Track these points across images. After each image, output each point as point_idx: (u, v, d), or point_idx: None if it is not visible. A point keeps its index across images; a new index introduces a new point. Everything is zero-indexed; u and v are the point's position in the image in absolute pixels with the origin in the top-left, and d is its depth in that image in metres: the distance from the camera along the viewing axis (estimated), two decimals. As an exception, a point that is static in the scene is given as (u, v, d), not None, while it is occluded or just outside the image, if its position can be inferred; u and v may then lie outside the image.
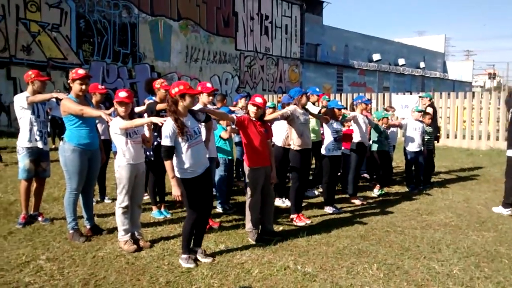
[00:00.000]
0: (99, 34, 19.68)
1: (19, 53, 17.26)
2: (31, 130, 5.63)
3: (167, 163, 4.35)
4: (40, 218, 5.84)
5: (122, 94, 4.91)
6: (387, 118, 8.35)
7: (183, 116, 4.44)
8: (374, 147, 8.27)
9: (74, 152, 5.09)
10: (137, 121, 4.83)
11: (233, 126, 5.30)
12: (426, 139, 8.97)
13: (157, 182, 6.45)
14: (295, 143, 6.08)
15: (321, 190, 7.73)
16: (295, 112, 6.04)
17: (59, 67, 18.34)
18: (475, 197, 8.08)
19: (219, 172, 6.71)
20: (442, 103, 18.21)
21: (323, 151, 6.87)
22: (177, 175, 4.39)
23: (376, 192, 8.22)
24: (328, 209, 6.83)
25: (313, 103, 7.83)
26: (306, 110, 6.25)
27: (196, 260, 4.54)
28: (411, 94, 19.82)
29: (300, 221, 6.11)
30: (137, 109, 6.35)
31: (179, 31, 22.88)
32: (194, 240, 4.67)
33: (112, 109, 6.09)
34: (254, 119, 5.22)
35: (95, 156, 5.34)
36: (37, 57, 17.71)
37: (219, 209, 6.73)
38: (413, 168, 8.88)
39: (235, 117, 5.20)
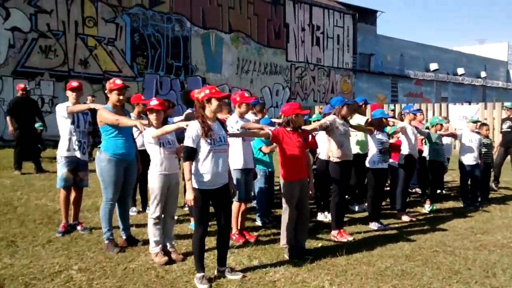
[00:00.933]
0: (152, 48, 20.15)
1: (77, 66, 17.96)
2: (70, 139, 5.70)
3: (185, 164, 4.23)
4: (79, 227, 5.88)
5: (153, 102, 4.87)
6: (441, 124, 7.84)
7: (210, 121, 4.32)
8: (428, 157, 7.81)
9: (110, 162, 5.08)
10: (166, 128, 4.74)
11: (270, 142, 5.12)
12: (483, 152, 8.38)
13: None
14: (334, 154, 5.80)
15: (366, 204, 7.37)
16: (334, 122, 5.77)
17: (114, 80, 18.90)
18: (539, 216, 7.41)
19: (259, 184, 6.52)
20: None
21: (367, 164, 6.53)
22: (194, 185, 4.25)
23: (427, 208, 7.73)
24: (373, 225, 6.47)
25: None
26: (347, 121, 5.97)
27: (211, 280, 4.32)
28: (469, 104, 18.84)
29: (341, 237, 5.80)
30: (176, 119, 6.32)
31: (230, 43, 23.06)
32: (217, 260, 4.51)
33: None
34: (290, 129, 5.01)
35: (131, 166, 5.32)
36: (94, 70, 18.36)
37: (258, 222, 6.54)
38: (469, 182, 8.31)
39: (269, 132, 5.00)
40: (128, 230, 5.43)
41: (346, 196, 7.90)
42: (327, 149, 6.29)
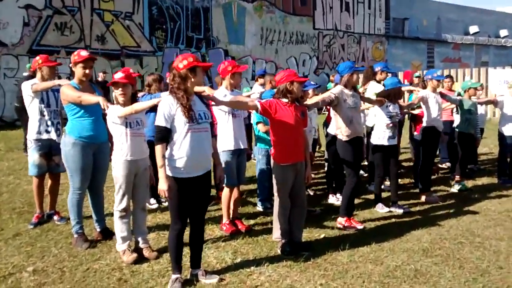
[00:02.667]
0: (171, 20, 19.40)
1: (94, 42, 17.43)
2: (40, 120, 5.08)
3: (157, 148, 3.48)
4: (55, 217, 5.31)
5: (118, 75, 4.14)
6: (475, 88, 6.75)
7: (191, 96, 3.56)
8: (457, 129, 6.81)
9: (75, 146, 4.42)
10: (137, 106, 4.01)
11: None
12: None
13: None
14: (343, 132, 4.94)
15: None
16: (341, 94, 4.89)
17: (133, 55, 18.35)
18: None
19: (260, 166, 5.77)
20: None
21: (374, 141, 5.65)
22: (168, 173, 3.52)
23: (456, 187, 6.77)
24: (379, 208, 5.63)
25: (378, 81, 6.57)
26: (357, 91, 5.06)
27: (185, 284, 3.64)
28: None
29: (349, 225, 4.99)
30: (164, 94, 5.59)
31: (253, 13, 21.99)
32: (190, 261, 3.81)
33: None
34: (288, 101, 4.18)
35: (103, 150, 4.64)
36: (111, 46, 17.81)
37: (259, 207, 5.80)
38: (508, 156, 7.27)
39: (258, 104, 4.19)
40: (103, 222, 4.80)
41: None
42: (334, 124, 5.40)
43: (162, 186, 3.45)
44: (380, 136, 5.58)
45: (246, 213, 5.65)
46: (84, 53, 4.54)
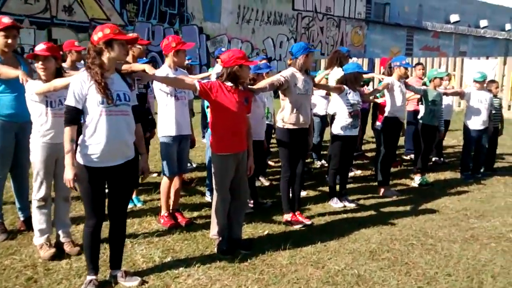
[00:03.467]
0: (144, -7, 18.66)
1: (60, 13, 16.62)
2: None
3: (66, 130, 3.06)
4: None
5: (39, 46, 3.67)
6: (441, 78, 6.43)
7: (108, 73, 3.13)
8: (421, 120, 6.54)
9: (-7, 125, 3.97)
10: (57, 82, 3.56)
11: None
12: (493, 114, 7.04)
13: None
14: (286, 119, 4.56)
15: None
16: (292, 78, 4.50)
17: (102, 28, 17.58)
18: (552, 194, 6.15)
19: (209, 153, 5.37)
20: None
21: (334, 130, 5.30)
22: (79, 160, 3.11)
23: (416, 180, 6.51)
24: (334, 203, 5.34)
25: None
26: (309, 75, 4.65)
27: (100, 286, 3.26)
28: (487, 58, 17.14)
29: (296, 221, 4.67)
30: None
31: (231, -11, 21.34)
32: (110, 260, 3.42)
33: None
34: (230, 85, 3.78)
35: (25, 130, 4.17)
36: (79, 18, 17.00)
37: (207, 197, 5.43)
38: (472, 151, 7.05)
39: (197, 85, 3.78)
40: (28, 211, 4.36)
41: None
42: (281, 112, 4.91)
43: (68, 175, 3.04)
44: (340, 126, 5.23)
45: (192, 203, 5.29)
46: (6, 20, 4.05)
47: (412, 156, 7.83)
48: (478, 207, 5.49)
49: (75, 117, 3.05)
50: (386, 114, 5.79)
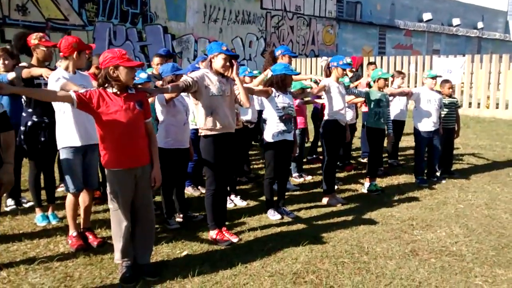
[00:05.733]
0: (104, -8, 18.01)
1: (14, 13, 15.88)
2: None
3: None
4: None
5: None
6: (385, 79, 6.05)
7: None
8: (366, 123, 6.17)
9: None
10: None
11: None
12: (443, 115, 6.71)
13: (39, 175, 4.74)
14: (202, 126, 4.07)
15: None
16: (201, 80, 4.01)
17: (60, 29, 16.88)
18: (505, 199, 5.82)
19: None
20: (503, 68, 15.16)
21: (266, 137, 4.87)
22: None
23: (366, 186, 6.13)
24: (271, 215, 4.93)
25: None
26: (225, 76, 4.14)
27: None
28: (455, 56, 16.98)
29: (221, 239, 4.21)
30: (10, 76, 4.61)
31: (196, -12, 20.82)
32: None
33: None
34: (115, 91, 3.29)
35: None
36: (34, 17, 16.26)
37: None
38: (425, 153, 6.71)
39: (73, 96, 3.20)
40: None
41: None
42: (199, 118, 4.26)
43: None
44: (271, 132, 4.80)
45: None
46: None
47: (365, 159, 7.51)
48: (426, 216, 5.12)
49: None
50: (325, 117, 5.39)
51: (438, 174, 6.84)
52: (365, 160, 7.69)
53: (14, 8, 15.85)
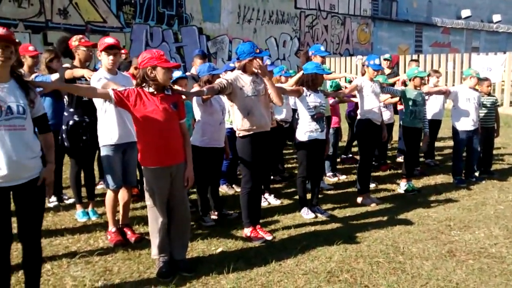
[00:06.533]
0: (141, -6, 18.40)
1: (55, 16, 16.44)
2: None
3: None
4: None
5: None
6: (421, 78, 5.93)
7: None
8: (401, 122, 6.08)
9: None
10: None
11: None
12: (482, 115, 6.55)
13: (80, 172, 4.91)
14: (239, 127, 4.14)
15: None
16: (236, 80, 4.06)
17: (98, 31, 17.36)
18: (548, 200, 5.64)
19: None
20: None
21: (298, 137, 4.87)
22: None
23: (402, 187, 6.05)
24: (304, 214, 4.93)
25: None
26: (259, 76, 4.17)
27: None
28: (495, 54, 16.48)
29: (256, 237, 4.26)
30: (53, 77, 4.81)
31: (231, -12, 20.98)
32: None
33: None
34: (152, 90, 3.38)
35: None
36: (74, 21, 16.79)
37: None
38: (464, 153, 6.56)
39: (111, 93, 3.33)
40: None
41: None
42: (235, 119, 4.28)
43: None
44: (304, 131, 4.81)
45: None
46: None
47: (400, 158, 7.41)
48: (464, 217, 5.01)
49: None
50: (358, 116, 5.36)
51: (477, 174, 6.68)
52: (400, 160, 7.58)
53: (56, 12, 16.40)
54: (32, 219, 2.91)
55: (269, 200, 5.48)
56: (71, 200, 5.29)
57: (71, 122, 4.58)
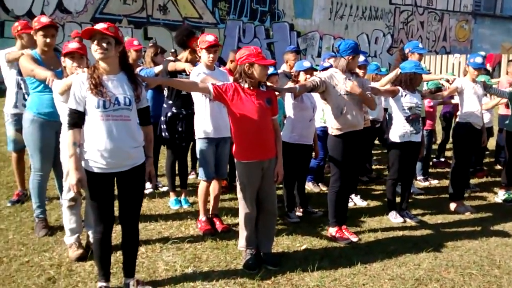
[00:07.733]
0: (236, -9, 18.84)
1: (156, 12, 17.35)
2: (17, 93, 4.78)
3: (69, 133, 2.94)
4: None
5: (72, 45, 3.58)
6: None
7: (105, 73, 2.97)
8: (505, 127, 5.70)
9: (34, 123, 4.08)
10: (69, 79, 3.40)
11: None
12: None
13: (175, 162, 5.17)
14: (332, 125, 4.13)
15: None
16: (331, 79, 4.05)
17: (195, 27, 18.02)
18: None
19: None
20: None
21: (391, 137, 4.74)
22: (83, 164, 2.99)
23: (500, 196, 5.68)
24: (392, 217, 4.79)
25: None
26: (356, 75, 4.13)
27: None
28: None
29: (341, 237, 4.23)
30: (156, 69, 5.10)
31: (325, -16, 20.79)
32: (123, 268, 3.29)
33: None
34: (247, 86, 3.49)
35: None
36: (173, 16, 17.62)
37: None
38: None
39: (210, 88, 3.50)
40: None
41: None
42: (328, 117, 4.31)
43: (72, 179, 2.94)
44: (397, 132, 4.69)
45: (236, 209, 5.06)
46: (44, 20, 4.09)
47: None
48: None
49: (76, 121, 2.94)
50: (457, 119, 5.10)
51: None
52: (500, 167, 7.11)
53: (157, 8, 17.30)
54: (132, 203, 3.15)
55: (355, 201, 5.41)
56: (165, 188, 5.58)
57: (169, 114, 4.85)
